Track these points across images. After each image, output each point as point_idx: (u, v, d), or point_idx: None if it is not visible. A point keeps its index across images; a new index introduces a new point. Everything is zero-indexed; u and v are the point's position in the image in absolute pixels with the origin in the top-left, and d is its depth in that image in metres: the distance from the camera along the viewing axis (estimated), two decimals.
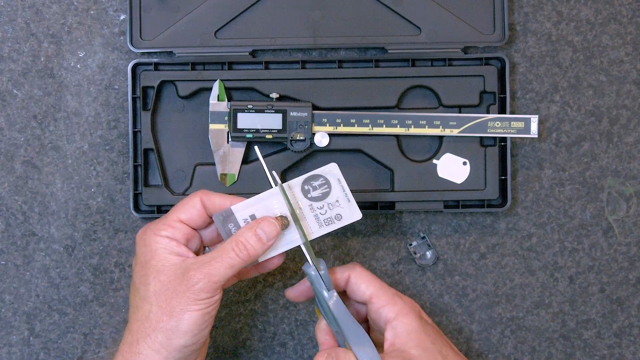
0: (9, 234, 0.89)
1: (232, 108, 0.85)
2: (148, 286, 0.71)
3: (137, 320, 0.72)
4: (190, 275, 0.71)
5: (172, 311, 0.70)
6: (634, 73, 0.90)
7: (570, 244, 0.90)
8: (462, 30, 0.88)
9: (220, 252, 0.72)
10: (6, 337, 0.89)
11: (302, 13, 0.88)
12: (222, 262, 0.71)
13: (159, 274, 0.72)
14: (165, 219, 0.74)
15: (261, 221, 0.73)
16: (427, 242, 0.89)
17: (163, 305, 0.71)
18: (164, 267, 0.72)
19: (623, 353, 0.90)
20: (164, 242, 0.72)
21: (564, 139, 0.90)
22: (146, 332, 0.71)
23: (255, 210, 0.74)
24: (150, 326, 0.71)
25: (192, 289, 0.70)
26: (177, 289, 0.71)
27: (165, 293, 0.71)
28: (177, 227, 0.73)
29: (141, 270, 0.72)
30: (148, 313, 0.71)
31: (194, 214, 0.74)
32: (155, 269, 0.72)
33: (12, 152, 0.89)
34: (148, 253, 0.72)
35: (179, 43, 0.87)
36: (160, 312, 0.71)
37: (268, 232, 0.73)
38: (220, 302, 0.73)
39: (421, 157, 0.88)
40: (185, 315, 0.70)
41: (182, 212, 0.74)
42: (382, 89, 0.87)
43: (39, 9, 0.89)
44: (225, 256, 0.72)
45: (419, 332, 0.74)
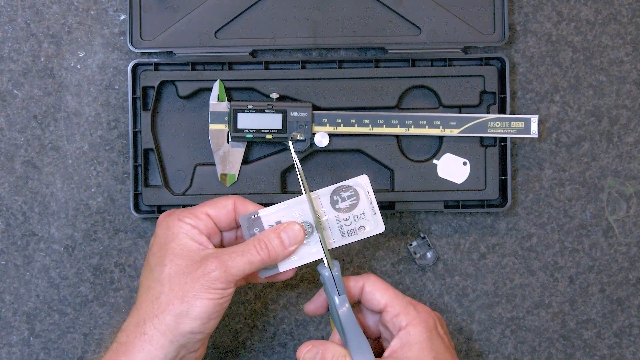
0: (9, 234, 0.89)
1: (232, 108, 0.85)
2: (164, 268, 0.71)
3: (147, 301, 0.71)
4: (207, 262, 0.71)
5: (184, 296, 0.70)
6: (634, 73, 0.90)
7: (570, 244, 0.90)
8: (462, 30, 0.88)
9: (241, 247, 0.72)
10: (6, 337, 0.89)
11: (302, 13, 0.88)
12: (242, 256, 0.71)
13: (176, 257, 0.71)
14: (193, 210, 0.74)
15: (287, 225, 0.73)
16: (427, 242, 0.89)
17: (176, 288, 0.70)
18: (182, 251, 0.71)
19: (623, 353, 0.90)
20: (187, 228, 0.72)
21: (564, 139, 0.90)
22: (154, 313, 0.70)
23: (282, 217, 0.74)
24: (160, 308, 0.70)
25: (208, 277, 0.70)
26: (192, 274, 0.70)
27: (179, 277, 0.70)
28: (202, 219, 0.73)
29: (159, 251, 0.72)
30: (159, 294, 0.71)
31: (222, 213, 0.74)
32: (173, 252, 0.71)
33: (12, 152, 0.89)
34: (169, 236, 0.72)
35: (179, 43, 0.87)
36: (172, 295, 0.70)
37: (292, 236, 0.73)
38: (231, 298, 0.72)
39: (421, 157, 0.88)
40: (197, 301, 0.70)
41: (211, 208, 0.74)
42: (382, 89, 0.87)
43: (39, 9, 0.89)
44: (246, 251, 0.72)
45: (423, 345, 0.72)
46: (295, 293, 0.90)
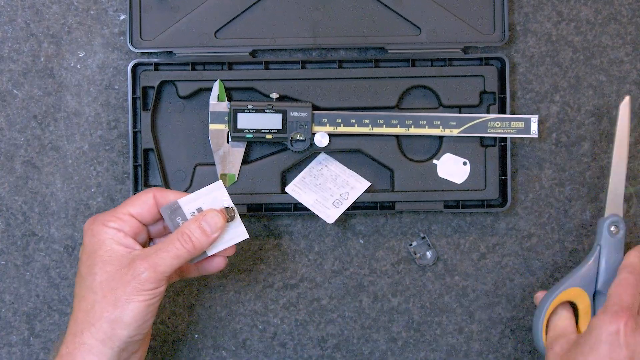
0: (9, 234, 0.89)
1: (232, 108, 0.85)
2: (94, 276, 0.72)
3: (82, 310, 0.72)
4: (136, 264, 0.71)
5: (117, 301, 0.71)
6: (634, 73, 0.90)
7: (570, 244, 0.90)
8: (462, 30, 0.88)
9: (166, 244, 0.73)
10: (6, 337, 0.89)
11: (302, 13, 0.88)
12: (168, 252, 0.72)
13: (105, 264, 0.72)
14: (115, 211, 0.74)
15: (206, 213, 0.74)
16: (427, 242, 0.89)
17: (108, 295, 0.71)
18: (110, 257, 0.72)
19: None
20: (112, 233, 0.73)
21: (564, 139, 0.90)
22: (91, 322, 0.71)
23: (202, 204, 0.76)
24: (95, 316, 0.71)
25: (138, 279, 0.71)
26: (122, 279, 0.71)
27: (110, 283, 0.71)
28: (125, 220, 0.74)
29: (87, 260, 0.73)
30: (93, 303, 0.71)
31: (144, 209, 0.75)
32: (101, 259, 0.72)
33: (12, 152, 0.89)
34: (95, 243, 0.73)
35: (179, 43, 0.87)
36: (105, 302, 0.71)
37: (212, 224, 0.74)
38: (164, 295, 0.74)
39: (421, 157, 0.88)
40: (130, 305, 0.71)
41: (132, 207, 0.75)
42: (382, 89, 0.87)
43: (39, 9, 0.89)
44: (172, 247, 0.73)
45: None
46: (295, 293, 0.90)
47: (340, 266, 0.90)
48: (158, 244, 0.74)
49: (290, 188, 0.86)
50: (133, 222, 0.74)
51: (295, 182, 0.86)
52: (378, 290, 0.90)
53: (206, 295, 0.89)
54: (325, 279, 0.90)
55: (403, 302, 0.90)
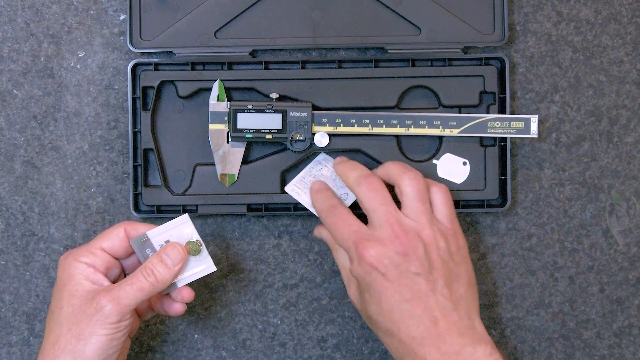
0: (9, 234, 0.89)
1: (232, 108, 0.85)
2: (61, 310, 0.74)
3: (49, 343, 0.74)
4: (99, 298, 0.73)
5: (80, 334, 0.72)
6: (634, 73, 0.90)
7: (570, 244, 0.90)
8: (462, 30, 0.88)
9: (130, 277, 0.75)
10: (6, 337, 0.89)
11: (302, 13, 0.88)
12: (132, 285, 0.74)
13: (71, 297, 0.74)
14: (88, 246, 0.76)
15: (166, 247, 0.77)
16: None
17: (73, 328, 0.73)
18: (77, 291, 0.74)
19: (623, 353, 0.90)
20: (82, 268, 0.75)
21: (564, 139, 0.90)
22: (55, 354, 0.73)
23: (170, 236, 0.78)
24: (60, 348, 0.73)
25: (101, 312, 0.73)
26: (86, 312, 0.73)
27: (76, 316, 0.73)
28: (97, 255, 0.76)
29: (57, 293, 0.75)
30: (59, 336, 0.73)
31: (116, 242, 0.77)
32: (69, 292, 0.74)
33: (12, 152, 0.89)
34: (65, 277, 0.75)
35: (178, 43, 0.87)
36: (69, 334, 0.73)
37: (173, 256, 0.76)
38: (131, 330, 0.76)
39: (421, 157, 0.88)
40: (92, 339, 0.72)
41: (104, 240, 0.77)
42: (382, 89, 0.87)
43: (39, 9, 0.89)
44: (135, 280, 0.74)
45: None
46: (295, 293, 0.90)
47: None
48: (123, 280, 0.75)
49: (289, 188, 0.86)
50: (105, 257, 0.76)
51: (294, 182, 0.86)
52: None
53: (206, 295, 0.89)
54: (325, 279, 0.90)
55: None
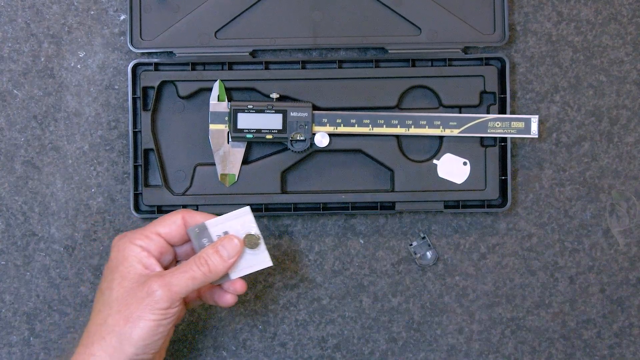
0: (9, 234, 0.89)
1: (232, 108, 0.85)
2: (112, 291, 0.73)
3: (95, 324, 0.73)
4: (151, 283, 0.73)
5: (129, 317, 0.72)
6: (634, 73, 0.90)
7: (570, 244, 0.90)
8: (462, 30, 0.88)
9: (183, 265, 0.74)
10: (6, 337, 0.89)
11: (302, 13, 0.88)
12: (184, 273, 0.73)
13: (123, 280, 0.73)
14: (144, 230, 0.76)
15: (224, 239, 0.76)
16: (428, 242, 0.89)
17: (122, 310, 0.72)
18: (129, 273, 0.73)
19: (623, 353, 0.90)
20: (136, 251, 0.74)
21: (564, 139, 0.90)
22: (102, 334, 0.72)
23: (229, 228, 0.77)
24: (107, 329, 0.72)
25: (152, 297, 0.72)
26: (137, 295, 0.72)
27: (125, 299, 0.73)
28: (152, 239, 0.75)
29: (109, 275, 0.74)
30: (106, 317, 0.73)
31: (173, 229, 0.76)
32: (121, 274, 0.74)
33: (12, 152, 0.89)
34: (119, 259, 0.74)
35: (179, 43, 0.87)
36: (118, 316, 0.72)
37: (229, 249, 0.75)
38: (177, 317, 0.75)
39: (421, 157, 0.88)
40: (140, 323, 0.72)
41: (161, 226, 0.76)
42: (382, 89, 0.87)
43: (39, 9, 0.89)
44: (188, 268, 0.74)
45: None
46: (295, 293, 0.90)
47: (340, 266, 0.90)
48: (176, 267, 0.75)
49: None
50: (160, 242, 0.76)
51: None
52: (378, 290, 0.90)
53: None
54: (325, 279, 0.90)
55: (403, 302, 0.90)
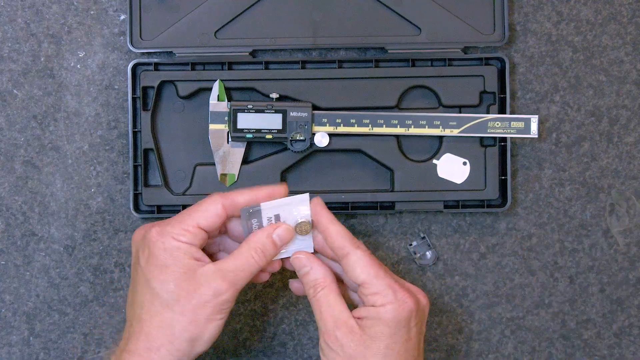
0: (9, 234, 0.89)
1: (232, 108, 0.85)
2: (170, 293, 0.71)
3: (157, 327, 0.71)
4: (216, 285, 0.71)
5: (196, 320, 0.71)
6: (634, 73, 0.90)
7: (570, 244, 0.90)
8: (462, 30, 0.88)
9: (241, 260, 0.73)
10: (6, 337, 0.89)
11: (302, 13, 0.88)
12: (245, 271, 0.72)
13: (181, 281, 0.71)
14: (183, 223, 0.73)
15: (280, 228, 0.74)
16: (427, 242, 0.89)
17: (188, 314, 0.71)
18: (186, 274, 0.71)
19: (623, 353, 0.90)
20: (184, 248, 0.72)
21: (564, 139, 0.90)
22: (169, 339, 0.71)
23: (281, 211, 0.74)
24: (174, 334, 0.71)
25: (219, 299, 0.71)
26: (201, 296, 0.71)
27: (190, 302, 0.71)
28: (196, 234, 0.73)
29: (161, 274, 0.72)
30: (171, 321, 0.71)
31: (216, 221, 0.73)
32: (176, 275, 0.71)
33: (12, 152, 0.89)
34: (168, 258, 0.72)
35: (179, 43, 0.87)
36: (185, 320, 0.71)
37: (283, 237, 0.74)
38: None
39: (421, 157, 0.88)
40: (210, 324, 0.72)
41: (203, 219, 0.73)
42: (382, 89, 0.87)
43: (39, 9, 0.89)
44: (246, 264, 0.72)
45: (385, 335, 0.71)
46: None
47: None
48: (232, 259, 0.73)
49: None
50: (202, 235, 0.73)
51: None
52: None
53: None
54: None
55: None
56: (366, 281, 0.72)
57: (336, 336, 0.71)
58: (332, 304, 0.73)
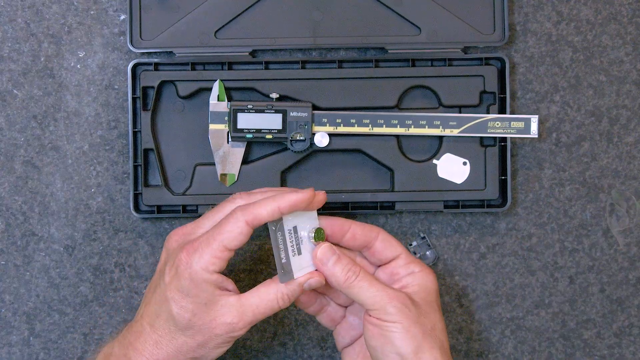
0: (9, 234, 0.89)
1: (232, 108, 0.85)
2: (187, 321, 0.72)
3: (168, 342, 0.74)
4: (231, 320, 0.72)
5: (205, 346, 0.73)
6: (634, 73, 0.90)
7: (570, 244, 0.90)
8: (462, 30, 0.88)
9: (265, 301, 0.74)
10: (6, 337, 0.89)
11: (302, 13, 0.88)
12: (265, 313, 0.74)
13: (200, 312, 0.72)
14: (210, 247, 0.72)
15: (311, 277, 0.75)
16: (427, 242, 0.89)
17: (198, 338, 0.73)
18: (206, 305, 0.72)
19: (623, 353, 0.90)
20: (212, 280, 0.72)
21: (564, 139, 0.90)
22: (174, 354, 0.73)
23: (298, 222, 0.74)
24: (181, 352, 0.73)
25: (232, 334, 0.73)
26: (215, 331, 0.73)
27: (203, 328, 0.73)
28: (223, 259, 0.73)
29: (182, 300, 0.72)
30: (182, 342, 0.73)
31: (243, 240, 0.73)
32: (196, 305, 0.72)
33: (12, 152, 0.89)
34: (193, 289, 0.72)
35: (179, 43, 0.87)
36: (194, 343, 0.73)
37: (313, 285, 0.75)
38: None
39: (421, 157, 0.88)
40: (216, 351, 0.74)
41: (229, 240, 0.72)
42: (382, 89, 0.87)
43: (39, 9, 0.89)
44: (269, 306, 0.74)
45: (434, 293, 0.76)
46: None
47: None
48: (255, 295, 0.74)
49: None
50: (229, 255, 0.73)
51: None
52: None
53: None
54: None
55: None
56: (402, 252, 0.77)
57: (390, 311, 0.73)
58: (374, 283, 0.74)
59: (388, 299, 0.73)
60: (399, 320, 0.72)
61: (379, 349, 0.73)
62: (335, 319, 0.80)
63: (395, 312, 0.72)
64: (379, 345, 0.73)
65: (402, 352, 0.72)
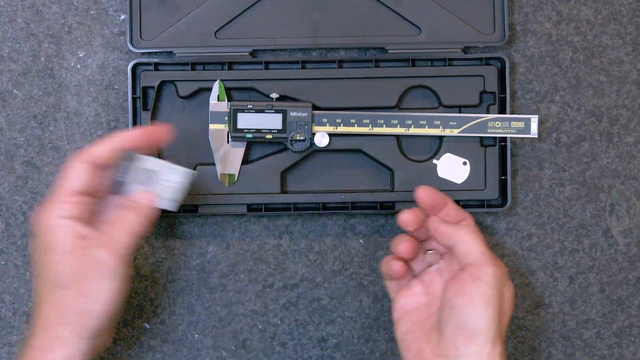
0: (9, 234, 0.89)
1: (232, 108, 0.85)
2: (58, 272, 0.72)
3: (50, 305, 0.72)
4: (97, 255, 0.72)
5: (86, 293, 0.72)
6: (634, 73, 0.90)
7: (570, 244, 0.90)
8: (462, 30, 0.88)
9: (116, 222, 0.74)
10: (6, 337, 0.89)
11: (302, 13, 0.88)
12: (121, 231, 0.73)
13: (66, 257, 0.72)
14: (60, 196, 0.73)
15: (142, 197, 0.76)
16: None
17: (76, 287, 0.72)
18: (71, 251, 0.72)
19: (623, 353, 0.90)
20: (66, 225, 0.73)
21: (564, 139, 0.90)
22: (61, 315, 0.72)
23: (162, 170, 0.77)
24: (66, 309, 0.72)
25: (102, 267, 0.72)
26: (87, 270, 0.72)
27: (76, 276, 0.72)
28: (73, 203, 0.73)
29: (47, 257, 0.73)
30: (61, 297, 0.72)
31: (86, 179, 0.74)
32: (62, 254, 0.72)
33: (12, 152, 0.89)
34: (52, 241, 0.73)
35: (179, 43, 0.87)
36: (73, 294, 0.72)
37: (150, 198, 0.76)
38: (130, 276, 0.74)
39: (421, 157, 0.88)
40: (99, 296, 0.72)
41: (72, 183, 0.73)
42: (382, 89, 0.87)
43: (39, 9, 0.89)
44: (123, 224, 0.74)
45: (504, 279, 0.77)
46: (295, 293, 0.90)
47: (340, 266, 0.90)
48: (110, 223, 0.74)
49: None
50: (81, 200, 0.74)
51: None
52: (378, 290, 0.90)
53: (206, 295, 0.89)
54: (325, 279, 0.90)
55: None
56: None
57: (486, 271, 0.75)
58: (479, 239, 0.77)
59: (493, 259, 0.76)
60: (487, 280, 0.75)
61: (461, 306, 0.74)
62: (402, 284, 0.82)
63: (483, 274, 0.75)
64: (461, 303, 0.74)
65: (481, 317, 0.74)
